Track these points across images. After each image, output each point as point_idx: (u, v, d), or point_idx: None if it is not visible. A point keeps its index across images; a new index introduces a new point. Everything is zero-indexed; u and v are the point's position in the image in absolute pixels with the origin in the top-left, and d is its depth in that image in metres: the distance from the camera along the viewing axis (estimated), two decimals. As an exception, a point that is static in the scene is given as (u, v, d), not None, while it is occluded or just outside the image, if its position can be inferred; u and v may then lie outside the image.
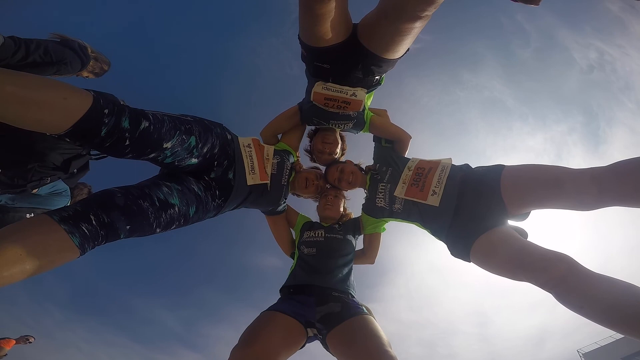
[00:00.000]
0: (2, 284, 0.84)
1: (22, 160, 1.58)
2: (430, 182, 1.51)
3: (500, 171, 1.41)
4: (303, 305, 1.45)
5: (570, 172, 1.24)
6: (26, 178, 1.66)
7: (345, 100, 1.62)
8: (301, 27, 1.40)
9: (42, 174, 1.70)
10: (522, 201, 1.34)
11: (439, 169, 1.55)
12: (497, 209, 1.35)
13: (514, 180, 1.36)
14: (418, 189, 1.53)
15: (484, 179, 1.44)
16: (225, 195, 1.41)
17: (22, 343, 4.31)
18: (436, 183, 1.50)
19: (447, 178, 1.50)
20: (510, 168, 1.42)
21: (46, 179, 1.81)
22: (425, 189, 1.51)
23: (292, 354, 1.33)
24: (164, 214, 1.18)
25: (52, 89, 0.93)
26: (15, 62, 1.58)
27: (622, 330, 0.93)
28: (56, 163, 1.70)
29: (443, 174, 1.52)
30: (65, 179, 1.99)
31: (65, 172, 1.81)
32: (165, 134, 1.16)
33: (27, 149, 1.55)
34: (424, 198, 1.49)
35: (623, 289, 0.96)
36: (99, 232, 1.01)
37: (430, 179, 1.53)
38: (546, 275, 1.07)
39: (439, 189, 1.48)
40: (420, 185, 1.54)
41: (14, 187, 1.68)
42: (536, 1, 0.92)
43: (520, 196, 1.33)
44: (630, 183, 1.09)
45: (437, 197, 1.47)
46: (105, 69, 2.11)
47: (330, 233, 1.77)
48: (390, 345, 1.21)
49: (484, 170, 1.51)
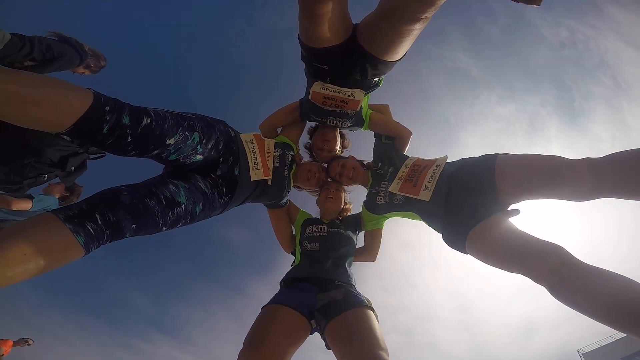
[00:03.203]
0: (6, 283, 0.83)
1: (18, 155, 1.57)
2: (424, 178, 1.52)
3: (494, 160, 1.40)
4: (305, 292, 1.45)
5: (566, 161, 1.23)
6: (22, 174, 1.64)
7: (343, 99, 1.63)
8: (300, 28, 1.39)
9: (39, 170, 1.69)
10: (516, 190, 1.32)
11: (434, 165, 1.56)
12: (491, 199, 1.34)
13: (508, 169, 1.34)
14: (412, 185, 1.54)
15: (477, 169, 1.43)
16: (231, 192, 1.41)
17: (21, 345, 4.30)
18: (429, 179, 1.50)
19: (441, 173, 1.50)
20: (504, 157, 1.40)
21: (43, 176, 1.79)
22: (418, 184, 1.52)
23: (298, 348, 1.32)
24: (170, 213, 1.17)
25: (53, 87, 0.93)
26: (21, 58, 1.65)
27: (617, 327, 0.92)
28: (53, 159, 1.69)
29: (437, 170, 1.52)
30: (63, 178, 1.98)
31: (63, 169, 1.79)
32: (167, 130, 1.15)
33: (23, 144, 1.55)
34: (416, 193, 1.50)
35: (619, 284, 0.95)
36: (104, 231, 1.00)
37: (424, 175, 1.53)
38: (539, 269, 1.06)
39: (431, 184, 1.48)
40: (414, 181, 1.55)
41: (10, 183, 1.67)
42: (537, 1, 0.91)
43: (515, 185, 1.32)
44: (626, 174, 1.08)
45: (428, 192, 1.46)
46: (102, 64, 2.15)
47: (332, 227, 1.78)
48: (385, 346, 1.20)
49: (477, 160, 1.50)
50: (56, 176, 1.91)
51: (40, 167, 1.69)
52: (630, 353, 16.37)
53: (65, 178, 2.00)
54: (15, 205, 2.46)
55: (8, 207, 2.44)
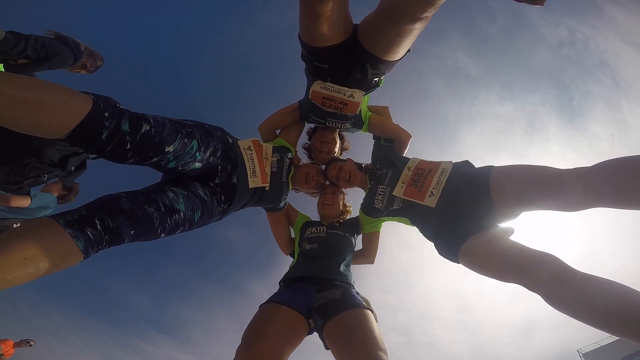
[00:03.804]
0: (5, 286, 0.84)
1: (18, 155, 1.57)
2: (429, 183, 1.51)
3: (489, 172, 1.40)
4: (304, 292, 1.45)
5: (556, 171, 1.22)
6: (22, 174, 1.65)
7: (342, 101, 1.62)
8: (301, 26, 1.39)
9: (39, 170, 1.70)
10: (511, 202, 1.32)
11: (439, 170, 1.55)
12: (486, 211, 1.34)
13: (503, 181, 1.34)
14: (416, 190, 1.53)
15: (473, 180, 1.43)
16: (230, 199, 1.41)
17: (23, 346, 4.29)
18: (435, 185, 1.49)
19: (447, 180, 1.50)
20: (499, 168, 1.40)
21: (43, 176, 1.80)
22: (423, 190, 1.51)
23: (296, 347, 1.32)
24: (169, 220, 1.18)
25: (52, 92, 0.92)
26: (15, 55, 1.65)
27: (614, 333, 0.93)
28: (53, 159, 1.70)
29: (443, 176, 1.51)
30: (62, 177, 1.98)
31: (63, 169, 1.80)
32: (166, 138, 1.15)
33: (23, 144, 1.55)
34: (421, 199, 1.49)
35: (613, 291, 0.95)
36: (104, 236, 1.00)
37: (429, 180, 1.52)
38: (533, 278, 1.06)
39: (437, 191, 1.47)
40: (419, 185, 1.54)
41: (10, 183, 1.67)
42: (540, 1, 0.91)
43: (510, 197, 1.32)
44: (616, 183, 1.06)
45: (434, 198, 1.46)
46: (98, 64, 2.15)
47: (331, 229, 1.78)
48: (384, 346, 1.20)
49: (473, 171, 1.50)
50: (56, 176, 1.91)
51: (40, 167, 1.69)
52: (630, 353, 16.37)
53: (65, 178, 2.00)
54: (14, 202, 2.46)
55: (7, 205, 2.44)
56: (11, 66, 1.75)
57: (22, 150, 1.58)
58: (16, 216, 2.54)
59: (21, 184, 1.72)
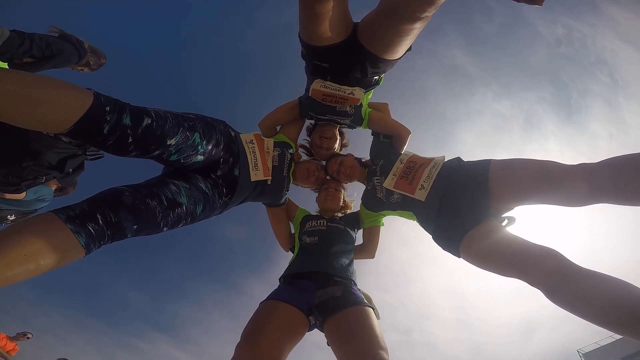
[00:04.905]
0: (5, 283, 0.83)
1: (17, 158, 1.57)
2: (420, 176, 1.52)
3: (488, 165, 1.39)
4: (304, 289, 1.44)
5: (561, 166, 1.22)
6: (21, 176, 1.64)
7: (342, 97, 1.64)
8: (301, 26, 1.40)
9: (37, 172, 1.69)
10: (510, 195, 1.32)
11: (430, 164, 1.55)
12: (484, 204, 1.33)
13: (502, 174, 1.34)
14: (407, 182, 1.54)
15: (471, 173, 1.43)
16: (231, 192, 1.41)
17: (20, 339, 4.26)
18: (425, 178, 1.50)
19: (437, 174, 1.50)
20: (498, 161, 1.40)
21: (41, 178, 1.79)
22: (414, 182, 1.51)
23: (296, 344, 1.31)
24: (171, 213, 1.17)
25: (53, 87, 0.92)
26: (20, 54, 1.67)
27: (614, 330, 0.93)
28: (51, 162, 1.69)
29: (434, 170, 1.52)
30: (60, 179, 1.97)
31: (61, 171, 1.79)
32: (168, 131, 1.15)
33: (22, 147, 1.54)
34: (411, 192, 1.50)
35: (615, 287, 0.95)
36: (106, 231, 0.99)
37: (420, 173, 1.53)
38: (535, 273, 1.06)
39: (427, 184, 1.48)
40: (410, 178, 1.54)
41: (8, 185, 1.67)
42: (539, 1, 0.91)
43: (509, 190, 1.31)
44: (622, 180, 1.06)
45: (424, 191, 1.46)
46: (102, 62, 2.16)
47: (332, 222, 1.79)
48: (385, 345, 1.19)
49: (471, 164, 1.50)
50: (54, 177, 1.91)
51: (38, 170, 1.68)
52: (630, 353, 16.35)
53: (63, 179, 1.99)
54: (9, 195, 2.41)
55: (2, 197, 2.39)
56: (16, 65, 1.75)
57: (21, 153, 1.57)
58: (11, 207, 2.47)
59: (19, 186, 1.71)
